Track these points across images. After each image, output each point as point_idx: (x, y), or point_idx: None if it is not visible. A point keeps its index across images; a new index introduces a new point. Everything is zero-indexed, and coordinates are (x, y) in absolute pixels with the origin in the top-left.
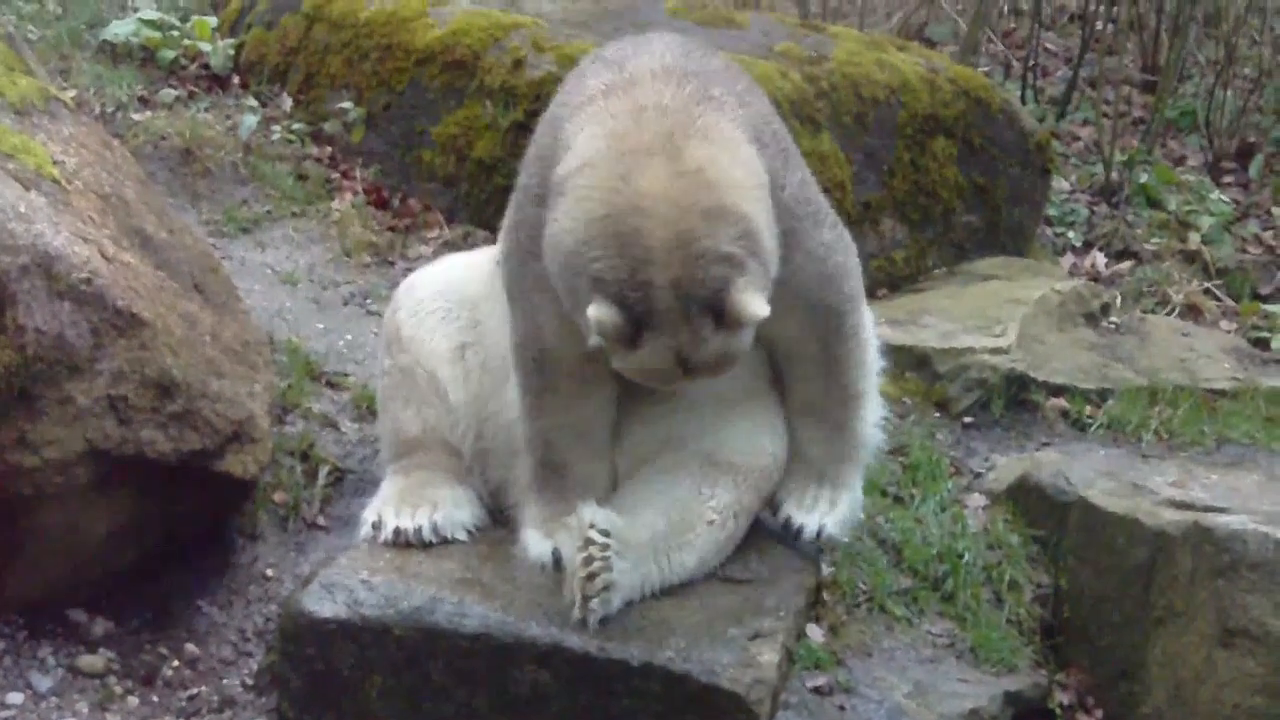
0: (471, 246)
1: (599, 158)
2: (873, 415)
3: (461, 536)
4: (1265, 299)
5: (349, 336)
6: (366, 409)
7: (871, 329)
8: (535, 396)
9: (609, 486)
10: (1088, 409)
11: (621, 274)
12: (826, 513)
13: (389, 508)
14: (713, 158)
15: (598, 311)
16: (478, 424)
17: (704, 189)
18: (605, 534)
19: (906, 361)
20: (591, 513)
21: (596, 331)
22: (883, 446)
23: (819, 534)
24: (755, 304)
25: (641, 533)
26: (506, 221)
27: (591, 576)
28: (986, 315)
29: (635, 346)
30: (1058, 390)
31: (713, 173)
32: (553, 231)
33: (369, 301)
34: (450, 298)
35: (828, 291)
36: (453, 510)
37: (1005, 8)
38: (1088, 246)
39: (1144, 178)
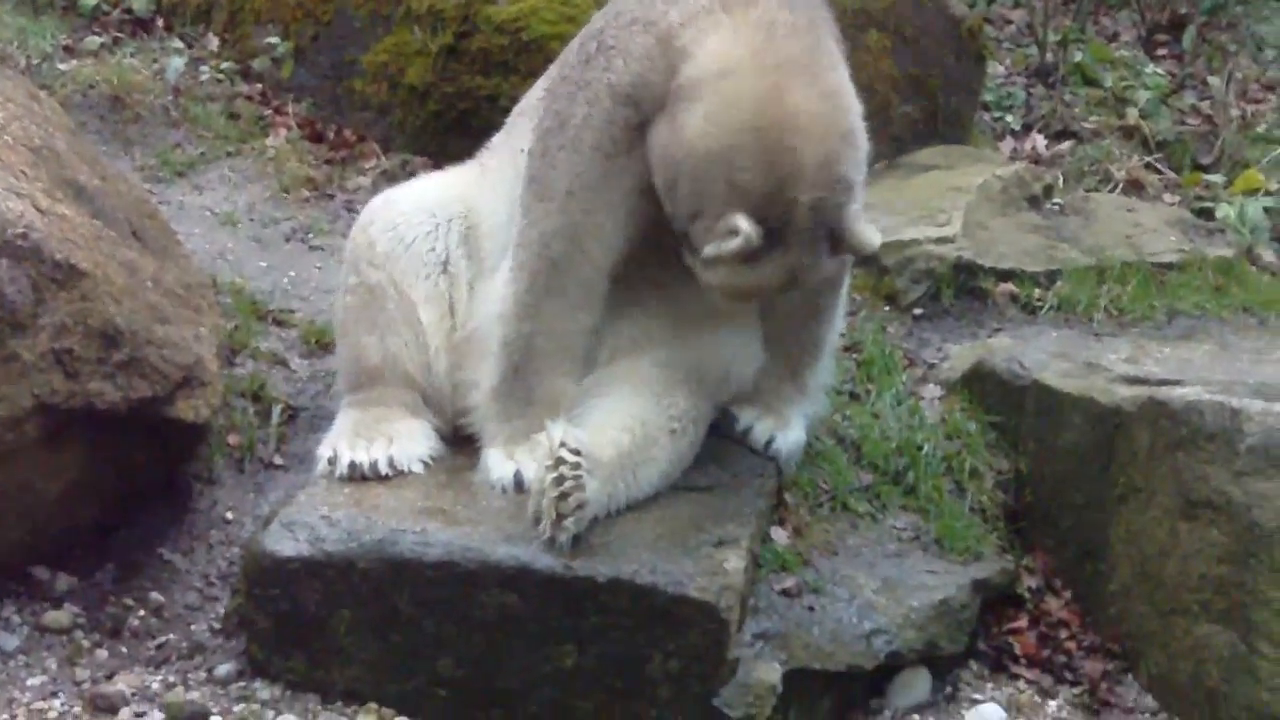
0: (410, 174)
1: (741, 68)
2: (826, 373)
3: (418, 469)
4: (1206, 169)
5: (293, 273)
6: (316, 344)
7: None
8: (536, 298)
9: (570, 409)
10: (1037, 292)
11: (769, 187)
12: (777, 428)
13: (344, 442)
14: (842, 82)
15: (743, 223)
16: (458, 342)
17: (842, 113)
18: (576, 453)
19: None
20: (561, 431)
21: (730, 242)
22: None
23: (769, 444)
24: (871, 233)
25: (607, 449)
26: (546, 120)
27: (564, 496)
28: (929, 205)
29: (753, 262)
30: (1006, 275)
31: (845, 98)
32: (684, 136)
33: (310, 236)
34: (438, 212)
35: None
36: (408, 443)
37: None
38: (1027, 129)
39: (1078, 56)
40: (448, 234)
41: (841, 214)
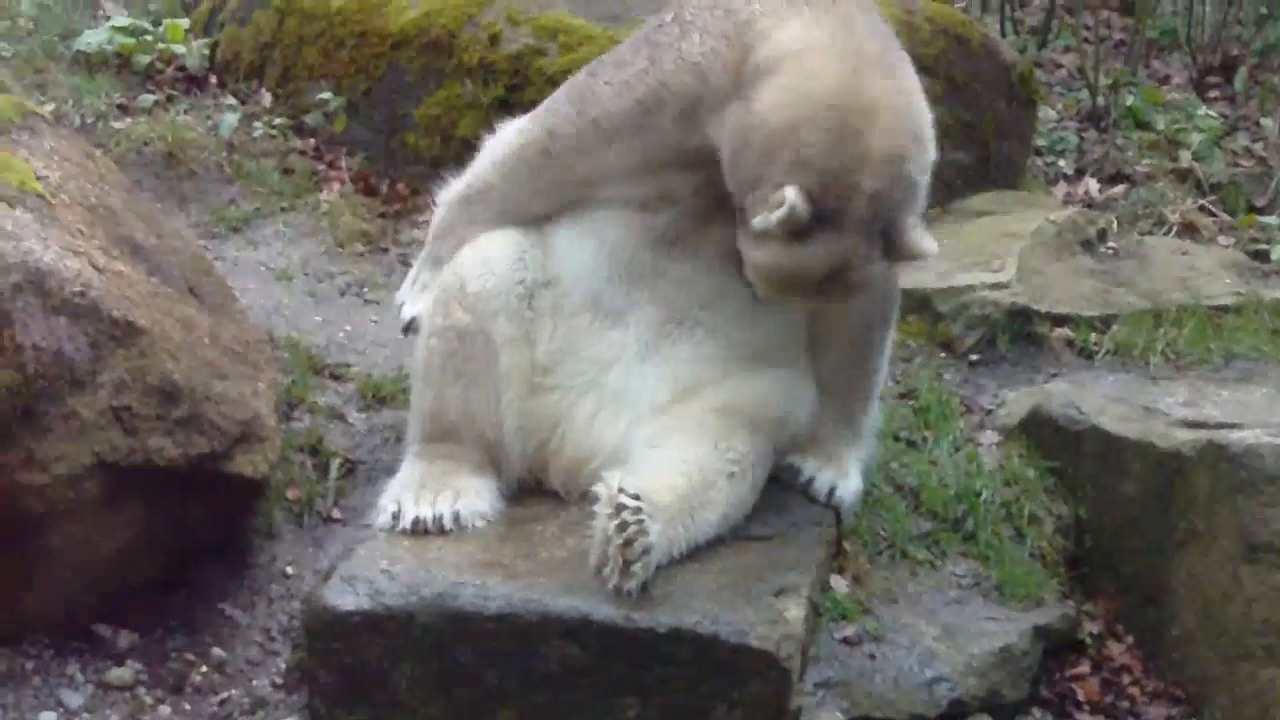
0: None
1: (823, 49)
2: (876, 417)
3: (480, 525)
4: (1260, 211)
5: (348, 327)
6: (372, 397)
7: None
8: (518, 163)
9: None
10: (1093, 336)
11: (833, 165)
12: (838, 478)
13: (409, 495)
14: (915, 87)
15: (792, 193)
16: (534, 381)
17: (915, 115)
18: (636, 498)
19: (908, 304)
20: (618, 479)
21: (779, 212)
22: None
23: (831, 493)
24: (927, 240)
25: (664, 495)
26: (606, 56)
27: (629, 542)
28: (984, 251)
29: (802, 241)
30: (1061, 320)
31: (919, 103)
32: (757, 107)
33: (365, 290)
34: (519, 240)
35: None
36: (474, 499)
37: None
38: (1079, 174)
39: (1130, 100)
40: (532, 261)
41: (900, 214)
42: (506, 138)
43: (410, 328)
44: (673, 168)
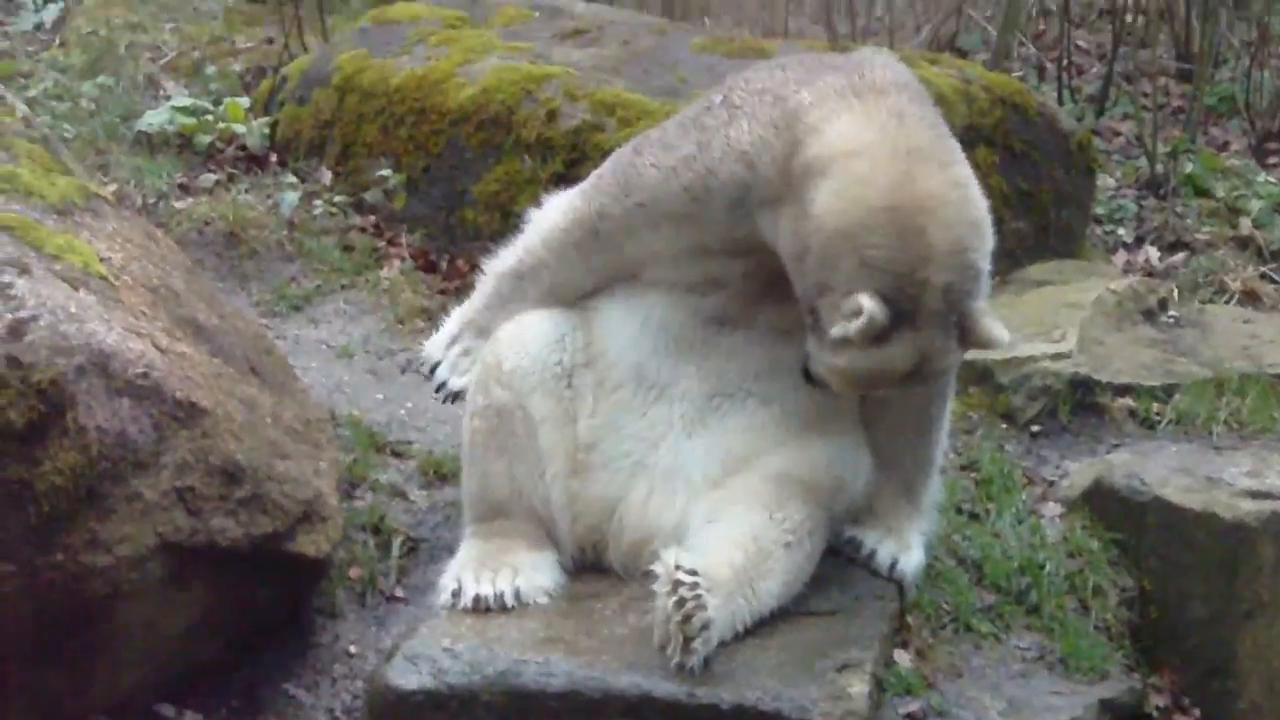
0: None
1: (875, 149)
2: (937, 490)
3: (542, 601)
4: None
5: (409, 404)
6: (434, 475)
7: None
8: (565, 242)
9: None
10: (1155, 406)
11: (900, 267)
12: (900, 550)
13: (468, 573)
14: (969, 177)
15: (867, 301)
16: (577, 460)
17: (972, 204)
18: (693, 573)
19: (968, 376)
20: (674, 555)
21: (857, 321)
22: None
23: (893, 566)
24: (999, 327)
25: (722, 570)
26: (653, 133)
27: (688, 618)
28: (1044, 321)
29: (881, 343)
30: (1123, 390)
31: (973, 189)
32: (814, 211)
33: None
34: (561, 323)
35: None
36: (534, 575)
37: (1034, 10)
38: (1139, 242)
39: (1189, 167)
40: (572, 343)
41: (969, 303)
42: (555, 215)
43: (445, 392)
44: (721, 254)
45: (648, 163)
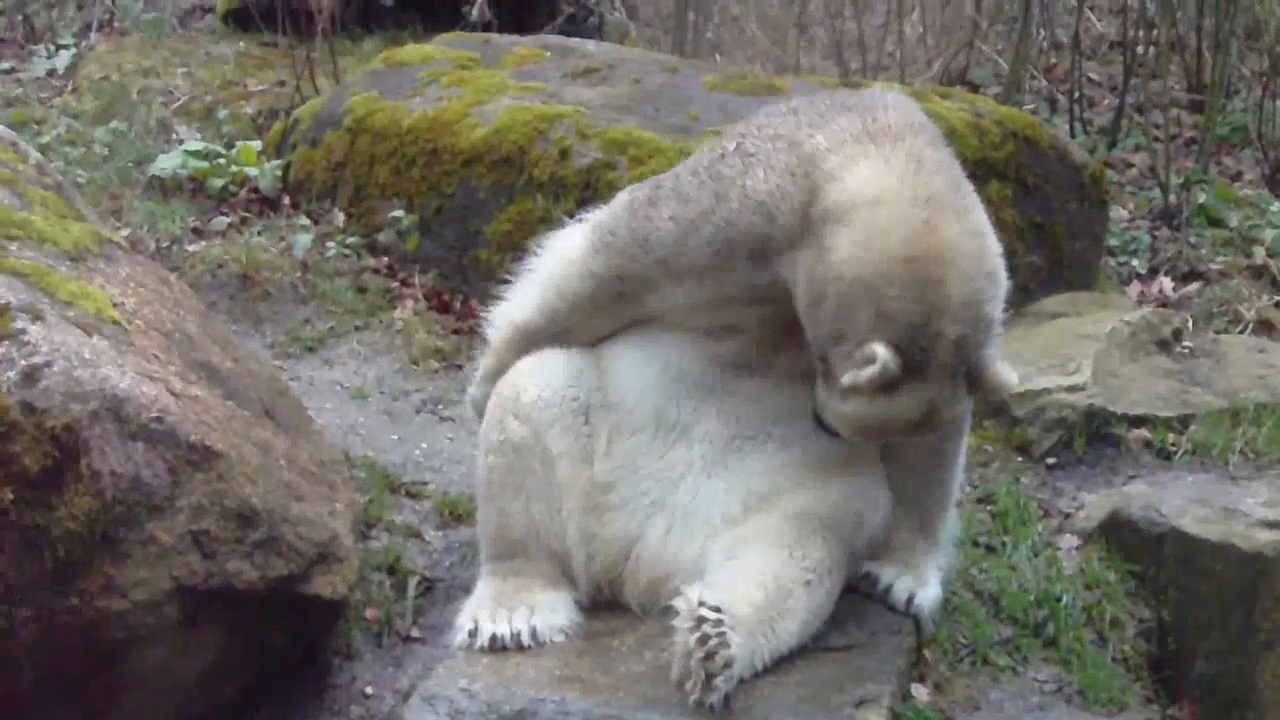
0: None
1: (893, 197)
2: (953, 525)
3: (559, 639)
4: None
5: (424, 445)
6: (449, 515)
7: None
8: (578, 297)
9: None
10: (1171, 437)
11: (916, 319)
12: (916, 585)
13: (485, 612)
14: (985, 224)
15: (881, 350)
16: (594, 499)
17: (987, 253)
18: (717, 610)
19: (983, 409)
20: (698, 591)
21: (869, 370)
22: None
23: (910, 601)
24: (1008, 373)
25: (742, 608)
26: (666, 183)
27: (710, 655)
28: (1059, 354)
29: (891, 394)
30: (1139, 421)
31: (989, 237)
32: (832, 259)
33: (441, 408)
34: (578, 358)
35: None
36: (550, 614)
37: (1044, 43)
38: (1153, 273)
39: (1202, 197)
40: (588, 381)
41: (981, 352)
42: (574, 280)
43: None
44: (740, 302)
45: (665, 216)
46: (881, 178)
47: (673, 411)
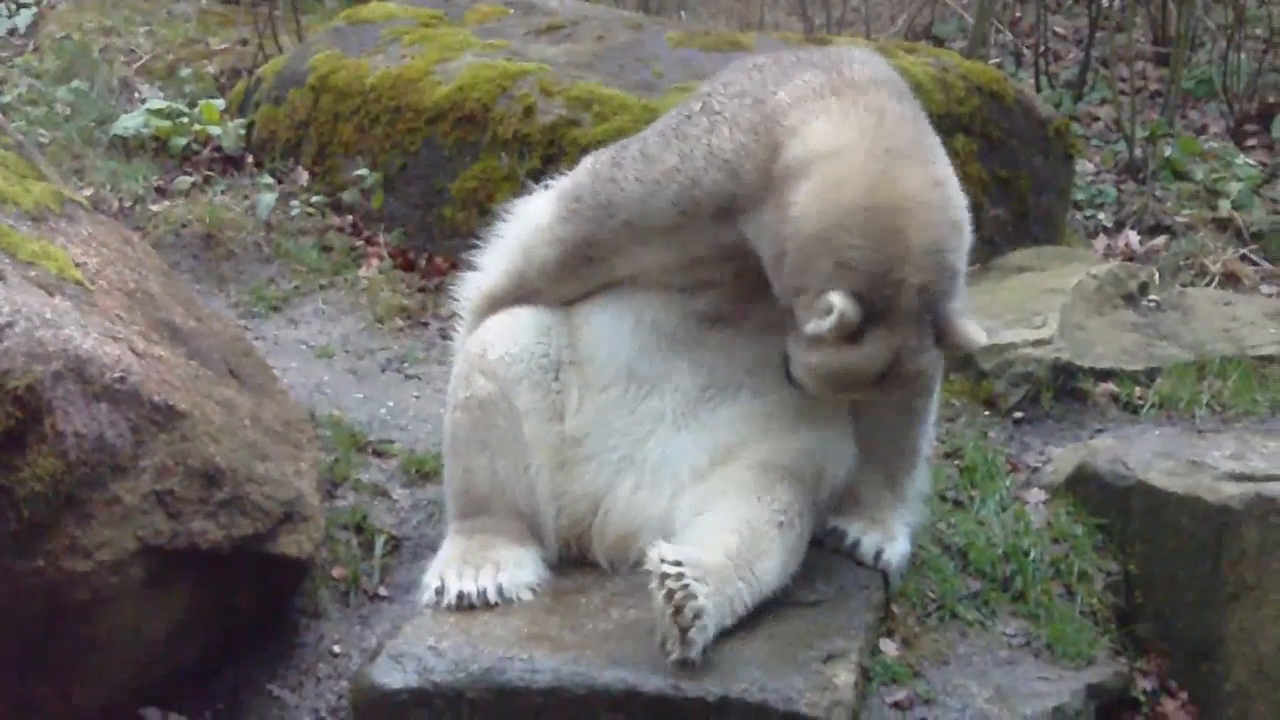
0: None
1: (853, 149)
2: (923, 481)
3: (526, 596)
4: None
5: (390, 403)
6: (416, 473)
7: None
8: (573, 267)
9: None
10: (1137, 390)
11: (876, 266)
12: (884, 541)
13: (451, 570)
14: (949, 175)
15: (838, 299)
16: (563, 454)
17: (950, 203)
18: (677, 563)
19: (950, 363)
20: (657, 549)
21: (828, 319)
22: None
23: (878, 556)
24: (974, 328)
25: (715, 555)
26: (632, 146)
27: (679, 609)
28: (1025, 308)
29: (855, 343)
30: (1105, 375)
31: (952, 189)
32: (792, 213)
33: (406, 366)
34: (547, 315)
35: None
36: (517, 571)
37: None
38: (1119, 226)
39: (1168, 150)
40: (557, 337)
41: (946, 304)
42: (542, 247)
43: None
44: (709, 261)
45: (630, 177)
46: (841, 131)
47: (644, 365)
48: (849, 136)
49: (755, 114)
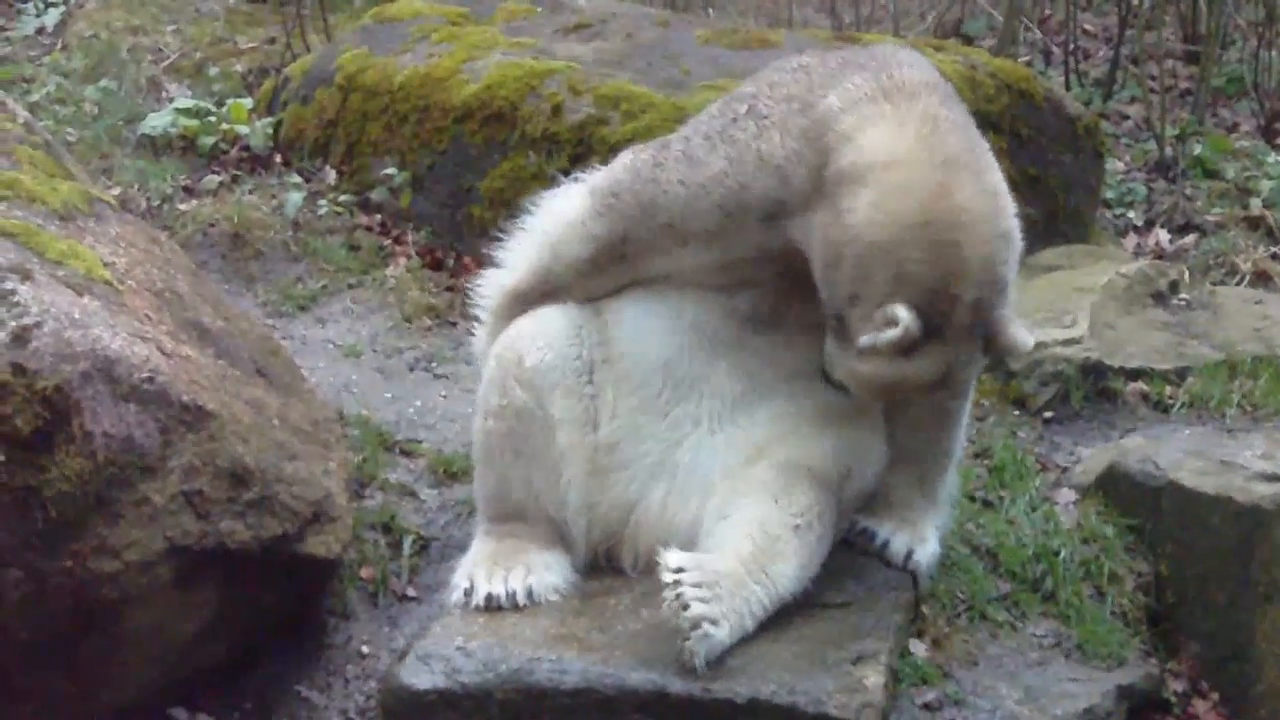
0: None
1: (910, 159)
2: (953, 484)
3: (555, 598)
4: None
5: (418, 403)
6: (444, 473)
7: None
8: (605, 264)
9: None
10: (1168, 390)
11: (934, 282)
12: (914, 541)
13: (480, 571)
14: (1000, 183)
15: (903, 313)
16: (596, 462)
17: (1002, 212)
18: (679, 569)
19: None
20: (665, 555)
21: (889, 332)
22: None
23: (908, 557)
24: (1024, 334)
25: (728, 560)
26: (674, 146)
27: (678, 616)
28: (1055, 306)
29: (909, 355)
30: (1135, 374)
31: (1004, 198)
32: (849, 222)
33: (434, 365)
34: (575, 315)
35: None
36: (545, 574)
37: None
38: (1149, 225)
39: (1198, 149)
40: (589, 337)
41: (996, 313)
42: (575, 243)
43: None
44: (750, 263)
45: (674, 179)
46: (897, 139)
47: (683, 364)
48: (906, 145)
49: (805, 119)
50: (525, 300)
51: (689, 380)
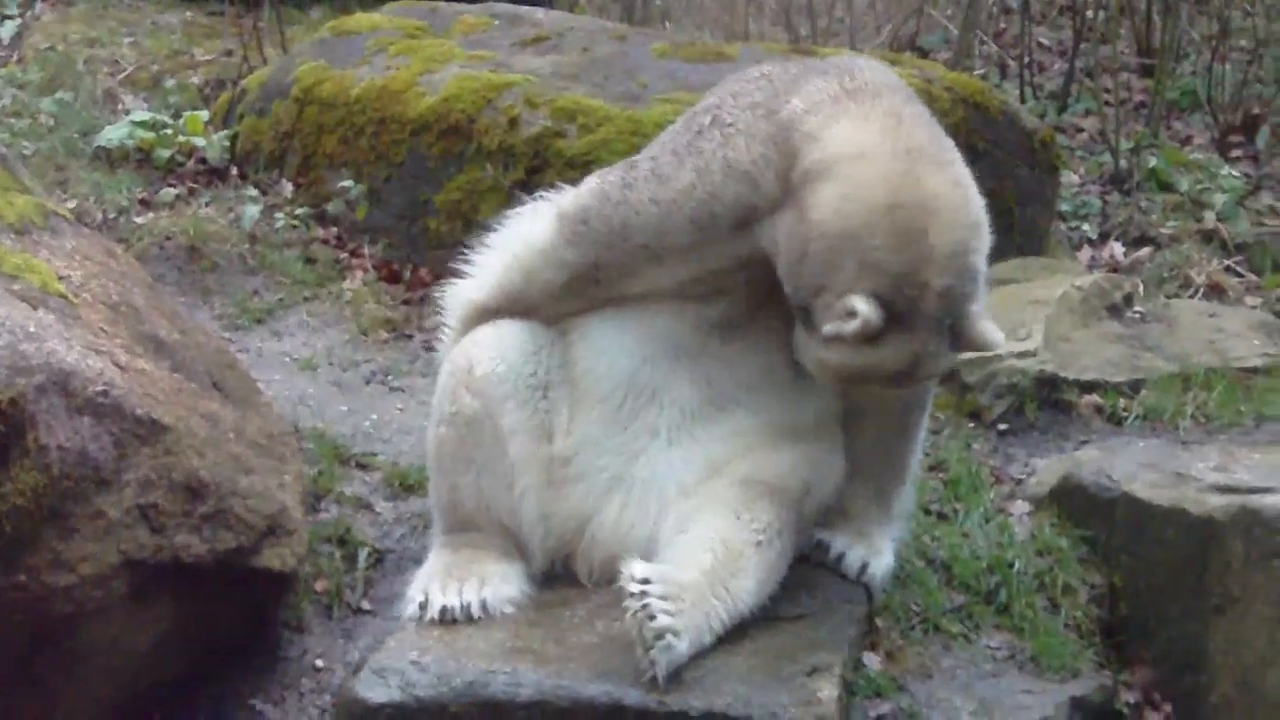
0: None
1: (876, 150)
2: (909, 499)
3: (510, 611)
4: None
5: (374, 416)
6: (400, 486)
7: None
8: (579, 289)
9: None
10: (1122, 402)
11: (901, 269)
12: (869, 554)
13: (435, 584)
14: (967, 175)
15: (860, 304)
16: (552, 473)
17: (970, 204)
18: (644, 580)
19: None
20: (630, 566)
21: (850, 323)
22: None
23: (863, 570)
24: (993, 330)
25: (689, 572)
26: (642, 166)
27: (641, 627)
28: (1009, 319)
29: (874, 344)
30: (1090, 387)
31: (972, 189)
32: (814, 216)
33: (390, 378)
34: (539, 334)
35: None
36: (501, 585)
37: (994, 8)
38: (1104, 238)
39: (1153, 162)
40: (549, 358)
41: (966, 306)
42: (545, 270)
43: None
44: (724, 271)
45: (644, 199)
46: (862, 132)
47: (646, 373)
48: (871, 137)
49: (770, 124)
50: (493, 316)
51: (650, 389)
